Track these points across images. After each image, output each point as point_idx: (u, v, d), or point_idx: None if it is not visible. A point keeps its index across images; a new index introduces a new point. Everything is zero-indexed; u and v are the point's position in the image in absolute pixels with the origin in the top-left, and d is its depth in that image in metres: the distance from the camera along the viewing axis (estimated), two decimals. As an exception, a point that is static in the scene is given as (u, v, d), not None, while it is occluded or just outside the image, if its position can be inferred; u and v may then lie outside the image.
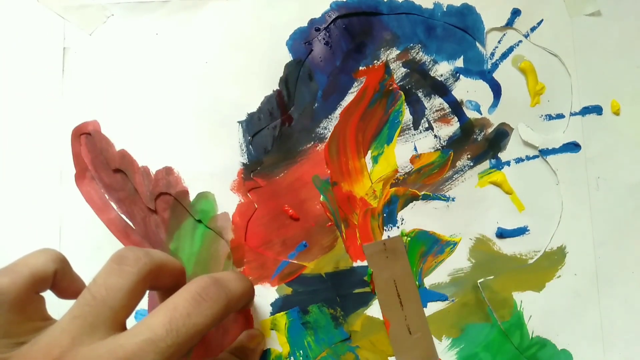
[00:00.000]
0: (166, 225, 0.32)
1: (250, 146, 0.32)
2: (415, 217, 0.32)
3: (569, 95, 0.33)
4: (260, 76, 0.32)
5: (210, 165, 0.32)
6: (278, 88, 0.32)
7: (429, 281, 0.32)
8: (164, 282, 0.25)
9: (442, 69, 0.33)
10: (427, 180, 0.33)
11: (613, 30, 0.33)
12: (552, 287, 0.32)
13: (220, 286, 0.24)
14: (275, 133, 0.32)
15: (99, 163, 0.32)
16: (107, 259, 0.23)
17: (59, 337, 0.20)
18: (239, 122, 0.32)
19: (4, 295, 0.21)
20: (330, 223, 0.32)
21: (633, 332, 0.32)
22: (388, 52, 0.33)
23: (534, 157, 0.33)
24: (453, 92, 0.33)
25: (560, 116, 0.33)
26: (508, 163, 0.33)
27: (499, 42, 0.33)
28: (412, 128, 0.33)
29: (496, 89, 0.33)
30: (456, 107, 0.33)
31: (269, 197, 0.32)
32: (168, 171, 0.32)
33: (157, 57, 0.33)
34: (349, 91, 0.33)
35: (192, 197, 0.32)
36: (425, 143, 0.33)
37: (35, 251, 0.23)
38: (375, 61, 0.33)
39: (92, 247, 0.32)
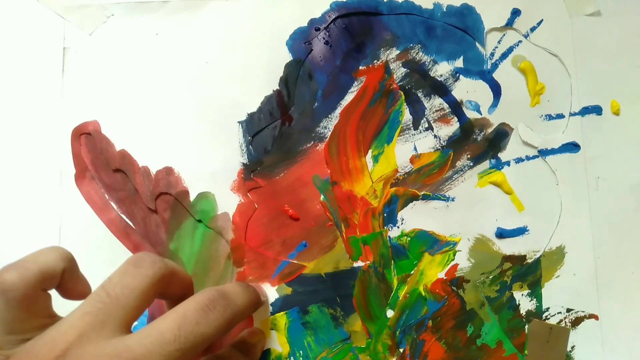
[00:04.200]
0: (166, 225, 0.32)
1: (250, 146, 0.32)
2: (415, 217, 0.32)
3: (568, 95, 0.33)
4: (260, 76, 0.32)
5: (210, 165, 0.32)
6: (278, 88, 0.32)
7: (428, 281, 0.32)
8: (173, 291, 0.25)
9: (442, 69, 0.33)
10: (427, 180, 0.33)
11: (613, 30, 0.33)
12: (551, 287, 0.32)
13: (228, 299, 0.24)
14: (275, 133, 0.32)
15: (99, 163, 0.32)
16: (123, 262, 0.23)
17: (66, 331, 0.20)
18: (239, 122, 0.32)
19: (12, 291, 0.21)
20: (330, 223, 0.32)
21: (633, 332, 0.32)
22: (388, 52, 0.33)
23: (534, 157, 0.33)
24: (453, 92, 0.33)
25: (560, 116, 0.33)
26: (508, 163, 0.33)
27: (498, 42, 0.33)
28: (412, 128, 0.33)
29: (496, 89, 0.33)
30: (456, 107, 0.33)
31: (269, 197, 0.32)
32: (168, 171, 0.32)
33: (157, 57, 0.33)
34: (349, 90, 0.33)
35: (192, 197, 0.32)
36: (425, 143, 0.33)
37: (45, 248, 0.23)
38: (375, 61, 0.33)
39: (92, 247, 0.32)
